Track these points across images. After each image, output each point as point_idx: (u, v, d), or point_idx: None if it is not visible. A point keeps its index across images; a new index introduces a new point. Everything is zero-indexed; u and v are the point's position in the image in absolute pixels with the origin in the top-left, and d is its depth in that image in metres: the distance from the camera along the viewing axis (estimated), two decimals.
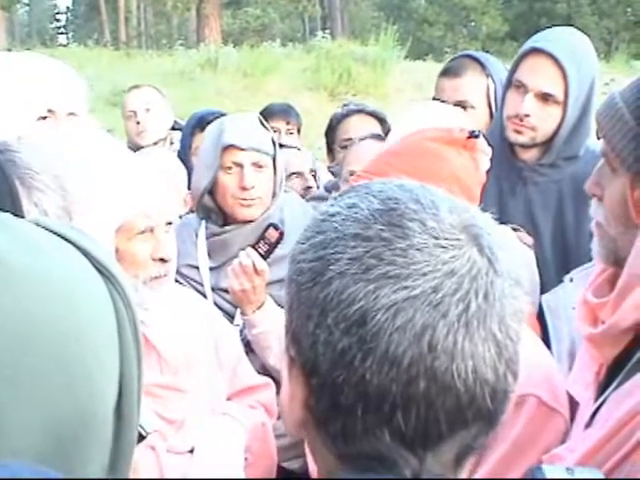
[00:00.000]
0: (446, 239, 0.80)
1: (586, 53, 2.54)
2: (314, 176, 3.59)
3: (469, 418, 0.80)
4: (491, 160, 1.84)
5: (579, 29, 2.70)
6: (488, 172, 1.83)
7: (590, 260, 2.48)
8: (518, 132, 2.53)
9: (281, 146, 3.64)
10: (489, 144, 1.83)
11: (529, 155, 2.59)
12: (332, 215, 0.85)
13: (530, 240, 2.38)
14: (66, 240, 0.78)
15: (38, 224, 0.79)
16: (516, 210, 2.54)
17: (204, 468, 1.88)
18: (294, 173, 3.48)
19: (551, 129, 2.52)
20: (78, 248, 0.78)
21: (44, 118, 2.20)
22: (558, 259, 2.52)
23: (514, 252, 0.86)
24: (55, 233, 0.79)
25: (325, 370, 0.81)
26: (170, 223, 1.97)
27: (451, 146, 1.73)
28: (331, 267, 0.81)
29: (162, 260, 1.92)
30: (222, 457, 1.93)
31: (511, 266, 0.83)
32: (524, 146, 2.57)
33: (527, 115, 2.50)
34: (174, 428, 1.91)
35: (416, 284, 0.78)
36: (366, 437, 0.80)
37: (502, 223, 1.04)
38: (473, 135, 1.76)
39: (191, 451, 1.91)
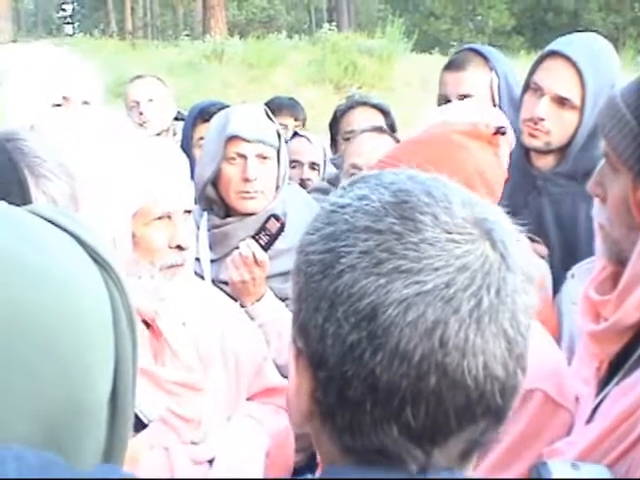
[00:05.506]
0: (459, 233, 0.80)
1: (607, 60, 2.49)
2: (314, 168, 3.56)
3: (478, 414, 0.80)
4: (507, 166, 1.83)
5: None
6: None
7: None
8: (532, 136, 2.48)
9: (296, 134, 3.64)
10: None
11: (544, 162, 2.53)
12: (342, 207, 0.84)
13: (545, 251, 2.35)
14: (61, 228, 0.78)
15: (33, 212, 0.79)
16: (527, 221, 2.46)
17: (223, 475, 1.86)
18: (292, 161, 3.38)
19: (567, 135, 2.46)
20: (73, 236, 0.78)
21: (59, 105, 2.22)
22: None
23: (525, 246, 0.85)
24: (50, 221, 0.78)
25: (333, 364, 0.80)
26: (189, 211, 1.96)
27: (476, 140, 1.73)
28: (342, 260, 0.80)
29: (179, 248, 1.90)
30: (242, 467, 1.91)
31: (523, 261, 0.83)
32: (539, 152, 2.51)
33: (542, 119, 2.45)
34: (191, 427, 1.88)
35: (428, 279, 0.77)
36: (374, 431, 0.80)
37: None
38: (499, 131, 1.76)
39: (210, 461, 1.89)
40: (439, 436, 0.80)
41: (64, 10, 45.18)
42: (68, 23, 44.22)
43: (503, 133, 1.77)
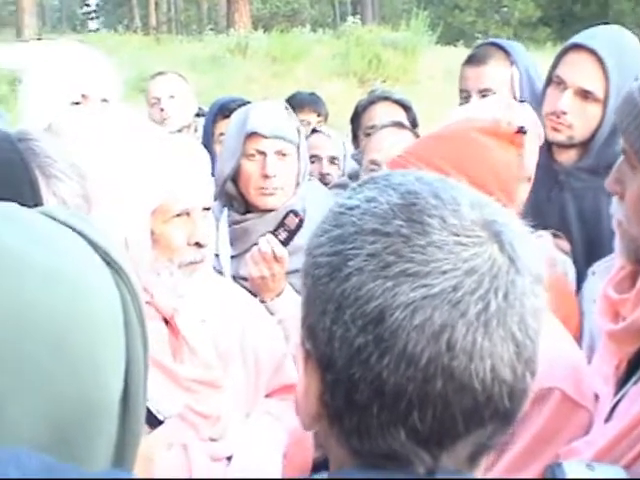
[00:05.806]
0: (467, 236, 0.79)
1: (632, 53, 2.45)
2: (333, 163, 3.56)
3: (486, 417, 0.79)
4: None
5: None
6: None
7: None
8: (555, 130, 2.45)
9: (314, 131, 3.64)
10: None
11: (567, 157, 2.51)
12: (350, 208, 0.83)
13: (568, 247, 2.34)
14: (72, 230, 0.79)
15: (45, 214, 0.79)
16: (550, 217, 2.45)
17: (241, 474, 1.87)
18: (311, 156, 3.33)
19: (590, 129, 2.43)
20: (84, 238, 0.79)
21: (77, 103, 2.23)
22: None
23: (535, 247, 0.84)
24: (62, 223, 0.79)
25: (341, 367, 0.80)
26: (208, 208, 1.96)
27: (497, 139, 1.71)
28: (349, 262, 0.80)
29: (198, 245, 1.90)
30: (260, 465, 1.91)
31: (532, 262, 0.82)
32: (562, 146, 2.48)
33: (564, 112, 2.42)
34: (209, 423, 1.88)
35: (435, 282, 0.77)
36: (381, 435, 0.80)
37: (537, 229, 1.02)
38: (521, 130, 1.73)
39: (229, 458, 1.90)
40: (447, 440, 0.80)
41: (88, 6, 45.39)
42: (92, 19, 44.45)
43: (524, 132, 1.74)
